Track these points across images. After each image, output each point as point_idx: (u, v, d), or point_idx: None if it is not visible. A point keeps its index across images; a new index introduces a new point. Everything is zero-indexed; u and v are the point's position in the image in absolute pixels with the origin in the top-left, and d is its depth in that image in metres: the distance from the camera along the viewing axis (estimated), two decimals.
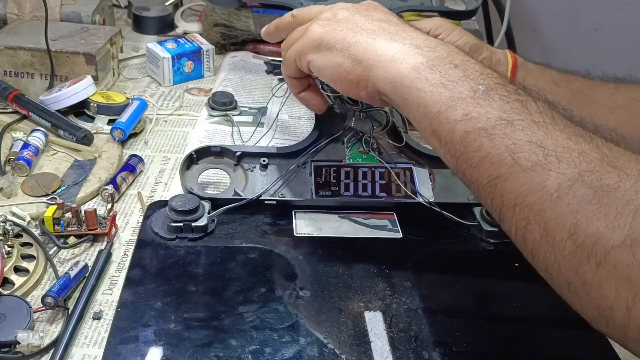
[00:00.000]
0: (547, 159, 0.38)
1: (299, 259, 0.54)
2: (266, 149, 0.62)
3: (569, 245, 0.37)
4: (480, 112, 0.41)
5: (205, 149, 0.61)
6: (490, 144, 0.40)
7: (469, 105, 0.42)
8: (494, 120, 0.41)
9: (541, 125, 0.40)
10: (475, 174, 0.42)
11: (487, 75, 0.44)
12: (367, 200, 0.60)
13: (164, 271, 0.51)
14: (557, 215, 0.37)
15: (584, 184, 0.37)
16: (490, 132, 0.41)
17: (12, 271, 0.51)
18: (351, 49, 0.48)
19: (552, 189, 0.37)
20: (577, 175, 0.37)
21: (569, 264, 0.37)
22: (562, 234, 0.37)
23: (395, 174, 0.60)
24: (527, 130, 0.40)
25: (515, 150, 0.39)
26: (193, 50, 0.84)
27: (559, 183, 0.37)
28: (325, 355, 0.44)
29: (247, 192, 0.59)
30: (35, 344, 0.45)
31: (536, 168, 0.38)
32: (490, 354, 0.47)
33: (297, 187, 0.59)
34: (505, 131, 0.40)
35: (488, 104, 0.41)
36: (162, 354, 0.44)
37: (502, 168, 0.40)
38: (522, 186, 0.39)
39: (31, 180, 0.61)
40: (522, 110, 0.41)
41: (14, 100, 0.71)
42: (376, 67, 0.47)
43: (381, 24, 0.49)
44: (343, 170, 0.60)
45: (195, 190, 0.58)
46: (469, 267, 0.55)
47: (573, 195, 0.37)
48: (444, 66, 0.44)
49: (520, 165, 0.39)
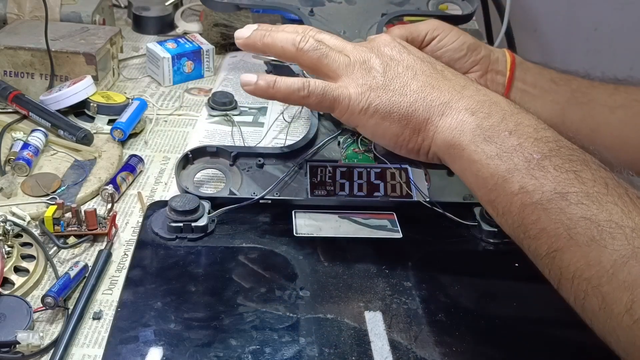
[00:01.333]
0: (601, 236, 0.39)
1: (299, 259, 0.54)
2: (262, 149, 0.63)
3: (627, 320, 0.38)
4: (536, 184, 0.42)
5: (201, 149, 0.61)
6: (547, 218, 0.42)
7: (525, 177, 0.43)
8: (549, 193, 0.42)
9: (595, 199, 0.41)
10: (533, 245, 0.43)
11: (541, 139, 0.44)
12: (366, 199, 0.60)
13: (164, 271, 0.51)
14: (613, 290, 0.38)
15: (638, 261, 0.38)
16: (546, 207, 0.42)
17: (12, 271, 0.51)
18: (411, 120, 0.49)
19: (608, 265, 0.38)
20: (630, 252, 0.38)
21: (627, 337, 0.38)
22: (619, 308, 0.38)
23: (391, 174, 0.60)
24: (581, 205, 0.41)
25: (571, 225, 0.40)
26: (193, 50, 0.84)
27: (614, 260, 0.38)
28: (325, 355, 0.44)
29: (242, 191, 0.59)
30: (35, 344, 0.45)
31: (591, 244, 0.39)
32: (490, 354, 0.47)
33: (293, 187, 0.60)
34: (560, 205, 0.41)
35: (543, 175, 0.42)
36: (162, 354, 0.44)
37: (559, 242, 0.41)
38: (579, 260, 0.40)
39: (31, 180, 0.61)
40: (575, 182, 0.42)
41: (14, 100, 0.71)
42: (436, 138, 0.49)
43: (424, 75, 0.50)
44: (339, 170, 0.60)
45: (191, 189, 0.58)
46: (468, 267, 0.55)
47: (628, 272, 0.38)
48: (499, 135, 0.45)
49: (576, 240, 0.40)
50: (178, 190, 0.59)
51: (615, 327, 0.39)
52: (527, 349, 0.47)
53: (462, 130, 0.47)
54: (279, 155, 0.62)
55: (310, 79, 0.52)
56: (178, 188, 0.59)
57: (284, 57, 0.55)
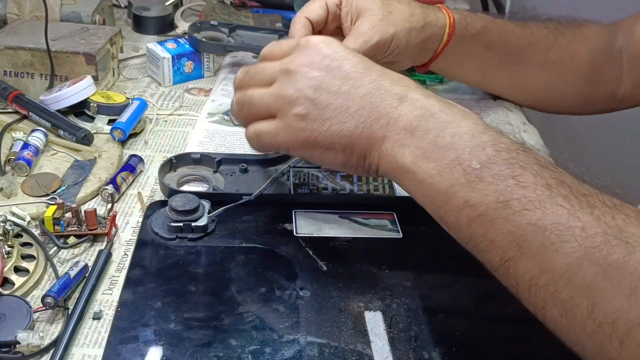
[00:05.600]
0: (550, 240, 0.38)
1: (299, 259, 0.54)
2: (245, 155, 0.65)
3: (589, 325, 0.36)
4: (478, 197, 0.41)
5: (185, 155, 0.64)
6: (494, 229, 0.41)
7: (466, 190, 0.42)
8: (493, 204, 0.41)
9: (538, 203, 0.39)
10: (486, 258, 0.42)
11: (478, 147, 0.43)
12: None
13: (164, 271, 0.51)
14: (571, 295, 0.37)
15: (592, 262, 0.36)
16: (492, 217, 0.41)
17: (12, 271, 0.51)
18: (355, 149, 0.48)
19: (562, 270, 0.37)
20: (583, 254, 0.37)
21: (592, 343, 0.37)
22: (580, 313, 0.37)
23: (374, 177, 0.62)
24: (525, 212, 0.39)
25: (518, 234, 0.39)
26: (193, 50, 0.84)
27: (567, 263, 0.37)
28: (325, 355, 0.44)
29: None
30: (35, 344, 0.45)
31: (542, 251, 0.38)
32: (490, 354, 0.47)
33: (277, 189, 0.61)
34: (504, 214, 0.40)
35: (483, 186, 0.41)
36: (162, 354, 0.44)
37: (510, 252, 0.40)
38: (533, 268, 0.39)
39: (31, 180, 0.61)
40: (516, 188, 0.40)
41: (14, 100, 0.71)
42: (381, 163, 0.47)
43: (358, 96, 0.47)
44: (321, 174, 0.62)
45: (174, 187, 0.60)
46: (469, 267, 0.55)
47: (583, 275, 0.36)
48: (438, 151, 0.44)
49: (527, 248, 0.39)
50: (161, 190, 0.61)
51: (579, 334, 0.37)
52: (526, 348, 0.47)
53: (403, 153, 0.45)
54: (262, 162, 0.64)
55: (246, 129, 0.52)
56: (161, 187, 0.61)
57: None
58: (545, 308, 0.39)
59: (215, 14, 0.93)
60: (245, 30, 0.89)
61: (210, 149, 0.69)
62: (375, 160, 0.47)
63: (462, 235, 0.44)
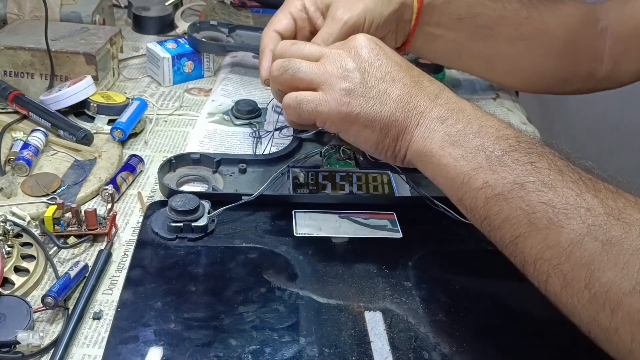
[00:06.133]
0: (558, 217, 0.42)
1: (299, 259, 0.54)
2: (244, 156, 0.65)
3: (586, 295, 0.40)
4: (497, 178, 0.46)
5: (184, 155, 0.64)
6: (508, 207, 0.45)
7: (487, 173, 0.46)
8: (509, 185, 0.45)
9: (551, 186, 0.44)
10: (498, 235, 0.46)
11: (502, 137, 0.48)
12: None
13: (164, 271, 0.51)
14: (572, 268, 0.41)
15: (593, 237, 0.40)
16: (507, 197, 0.45)
17: (12, 271, 0.51)
18: (390, 130, 0.52)
19: (566, 245, 0.41)
20: (586, 231, 0.41)
21: (588, 312, 0.41)
22: (579, 284, 0.41)
23: (373, 177, 0.62)
24: (538, 192, 0.44)
25: (530, 211, 0.44)
26: (193, 50, 0.84)
27: (571, 238, 0.41)
28: (325, 355, 0.45)
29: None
30: (35, 344, 0.45)
31: (550, 226, 0.42)
32: (490, 354, 0.47)
33: (277, 189, 0.61)
34: (519, 194, 0.44)
35: (503, 169, 0.46)
36: (162, 354, 0.44)
37: (521, 228, 0.44)
38: (539, 244, 0.43)
39: (31, 180, 0.61)
40: (533, 172, 0.45)
41: (14, 100, 0.71)
42: (411, 146, 0.52)
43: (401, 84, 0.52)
44: (321, 174, 0.62)
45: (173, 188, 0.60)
46: (469, 267, 0.55)
47: (584, 248, 0.40)
48: (464, 138, 0.49)
49: (536, 225, 0.43)
50: (161, 192, 0.61)
51: (576, 304, 0.41)
52: (527, 349, 0.47)
53: (432, 138, 0.50)
54: (261, 162, 0.64)
55: (288, 94, 0.55)
56: (160, 188, 0.61)
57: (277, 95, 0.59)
58: (547, 280, 0.43)
59: (215, 14, 0.93)
60: (245, 30, 0.89)
61: (210, 149, 0.69)
62: (406, 144, 0.52)
63: (478, 215, 0.47)
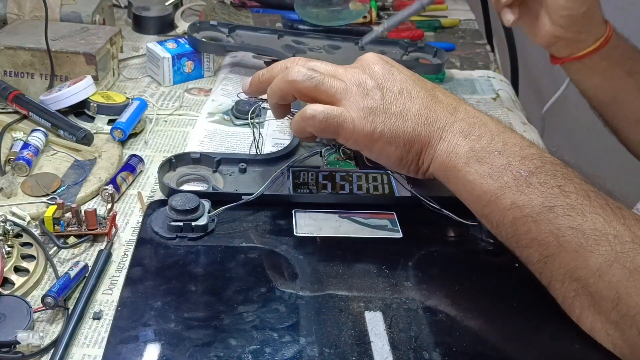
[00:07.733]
0: (587, 242, 0.44)
1: (299, 259, 0.54)
2: (245, 156, 0.65)
3: (614, 315, 0.43)
4: (525, 200, 0.47)
5: (184, 155, 0.64)
6: (537, 229, 0.46)
7: (515, 193, 0.47)
8: (538, 207, 0.46)
9: (579, 210, 0.45)
10: (525, 253, 0.48)
11: (527, 157, 0.48)
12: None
13: (164, 271, 0.51)
14: (600, 290, 0.44)
15: (621, 265, 0.43)
16: (536, 219, 0.46)
17: (12, 271, 0.51)
18: (414, 145, 0.52)
19: (595, 268, 0.44)
20: (614, 257, 0.43)
21: (616, 329, 0.44)
22: (607, 305, 0.44)
23: (373, 177, 0.62)
24: (567, 217, 0.45)
25: (559, 235, 0.45)
26: (193, 50, 0.84)
27: (600, 263, 0.44)
28: (325, 355, 0.44)
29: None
30: (35, 344, 0.45)
31: (579, 250, 0.44)
32: (490, 354, 0.47)
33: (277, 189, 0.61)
34: (548, 217, 0.46)
35: (531, 191, 0.47)
36: (162, 354, 0.44)
37: (550, 249, 0.46)
38: (569, 264, 0.45)
39: (31, 180, 0.61)
40: (561, 196, 0.46)
41: (14, 100, 0.71)
42: (434, 161, 0.52)
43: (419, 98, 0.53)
44: (321, 174, 0.62)
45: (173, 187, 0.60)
46: (469, 267, 0.55)
47: (612, 274, 0.43)
48: (490, 155, 0.49)
49: (565, 247, 0.45)
50: (161, 191, 0.61)
51: (605, 322, 0.44)
52: (526, 349, 0.47)
53: (457, 153, 0.50)
54: (261, 162, 0.64)
55: (313, 104, 0.54)
56: (160, 187, 0.61)
57: (285, 97, 0.56)
58: (575, 298, 0.46)
59: (215, 14, 0.93)
60: (245, 30, 0.89)
61: (210, 148, 0.69)
62: (429, 158, 0.52)
63: (505, 232, 0.49)
